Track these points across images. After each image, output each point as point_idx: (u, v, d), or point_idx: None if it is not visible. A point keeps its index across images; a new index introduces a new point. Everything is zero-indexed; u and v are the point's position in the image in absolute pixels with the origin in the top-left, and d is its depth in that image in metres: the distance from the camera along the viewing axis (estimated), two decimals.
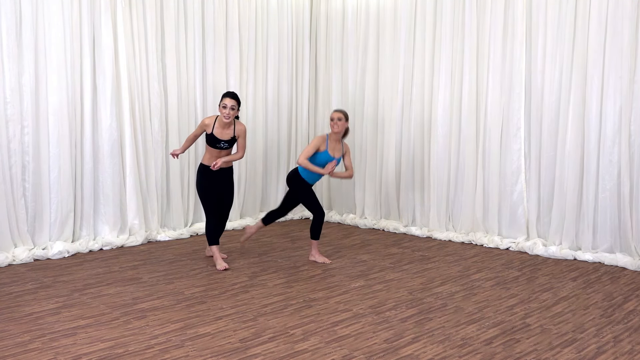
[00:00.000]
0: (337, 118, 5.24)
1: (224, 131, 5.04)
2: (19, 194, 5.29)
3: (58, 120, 5.46)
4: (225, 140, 5.04)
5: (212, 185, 5.10)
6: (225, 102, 4.95)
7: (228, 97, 4.98)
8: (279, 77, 7.36)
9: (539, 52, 5.76)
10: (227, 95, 5.00)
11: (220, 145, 5.03)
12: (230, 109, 4.94)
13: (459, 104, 6.33)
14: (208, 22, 6.56)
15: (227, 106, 4.94)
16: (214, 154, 5.08)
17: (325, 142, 5.25)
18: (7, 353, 3.26)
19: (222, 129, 5.03)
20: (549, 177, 5.79)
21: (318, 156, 5.23)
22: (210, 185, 5.10)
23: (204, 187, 5.11)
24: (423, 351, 3.37)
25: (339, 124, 5.23)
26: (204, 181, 5.11)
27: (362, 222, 7.13)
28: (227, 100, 4.96)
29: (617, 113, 5.30)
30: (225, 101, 4.95)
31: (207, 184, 5.10)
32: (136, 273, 4.93)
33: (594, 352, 3.38)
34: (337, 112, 5.29)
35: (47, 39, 5.37)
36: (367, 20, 7.10)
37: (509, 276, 4.97)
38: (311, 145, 5.22)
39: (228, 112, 4.93)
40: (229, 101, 4.95)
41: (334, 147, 5.29)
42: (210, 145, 5.05)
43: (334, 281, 4.78)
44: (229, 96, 4.99)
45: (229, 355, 3.28)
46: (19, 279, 4.71)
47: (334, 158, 5.27)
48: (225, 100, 4.96)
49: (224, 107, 4.94)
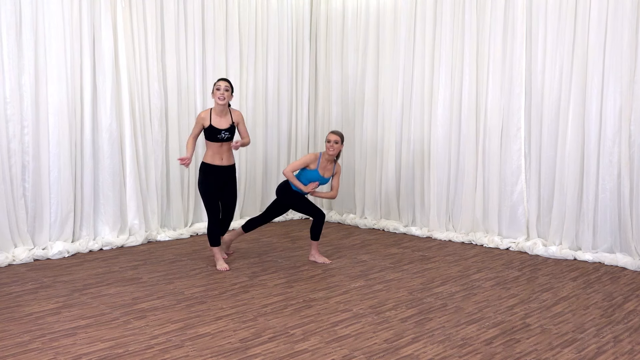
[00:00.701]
0: (334, 141, 5.15)
1: (222, 120, 4.98)
2: (19, 194, 5.29)
3: (58, 120, 5.46)
4: (225, 129, 4.97)
5: (215, 184, 5.02)
6: (218, 84, 4.95)
7: (221, 80, 4.99)
8: (279, 77, 7.36)
9: (539, 52, 5.76)
10: (220, 79, 5.02)
11: (222, 135, 4.96)
12: (224, 90, 4.92)
13: (459, 104, 6.33)
14: (208, 22, 6.57)
15: (220, 87, 4.93)
16: (215, 149, 4.99)
17: (317, 161, 5.22)
18: (7, 353, 3.26)
19: (219, 117, 4.97)
20: (549, 177, 5.79)
21: (307, 173, 5.22)
22: (213, 184, 5.02)
23: (207, 186, 5.01)
24: (423, 351, 3.37)
25: (335, 147, 5.15)
26: (207, 180, 5.02)
27: (362, 222, 7.14)
28: (220, 82, 4.97)
29: (617, 113, 5.30)
30: (218, 84, 4.96)
31: (210, 183, 5.01)
32: (136, 273, 4.93)
33: (594, 352, 3.38)
34: (334, 134, 5.18)
35: (47, 39, 5.37)
36: (367, 20, 7.10)
37: (509, 276, 4.97)
38: (301, 160, 5.21)
39: (222, 93, 4.91)
40: (222, 83, 4.96)
41: (325, 166, 5.25)
42: (211, 139, 4.97)
43: (334, 281, 4.78)
44: (221, 79, 5.00)
45: (229, 355, 3.28)
46: (19, 279, 4.71)
47: (323, 178, 5.25)
48: (218, 83, 4.96)
49: (217, 89, 4.93)
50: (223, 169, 5.04)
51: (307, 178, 5.23)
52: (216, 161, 5.01)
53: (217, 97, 4.92)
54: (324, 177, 5.26)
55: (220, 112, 4.97)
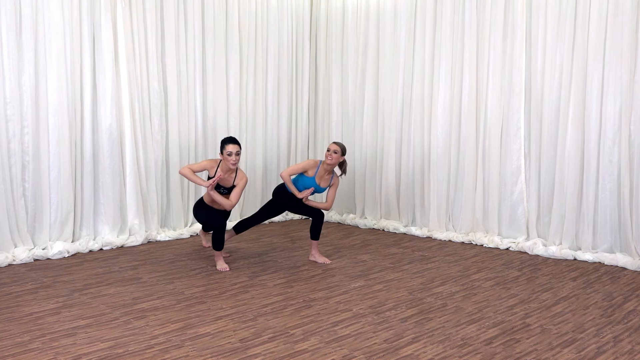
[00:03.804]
0: (334, 151, 5.12)
1: (226, 178, 4.99)
2: (18, 194, 5.28)
3: (58, 120, 5.46)
4: (225, 187, 5.02)
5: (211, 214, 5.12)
6: (229, 149, 4.83)
7: (231, 144, 4.85)
8: (278, 77, 7.36)
9: (539, 52, 5.76)
10: (229, 141, 4.87)
11: (220, 191, 5.02)
12: (235, 155, 4.84)
13: (459, 104, 6.33)
14: (208, 22, 6.56)
15: (232, 153, 4.82)
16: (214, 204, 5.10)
17: (316, 169, 5.22)
18: (7, 353, 3.26)
19: (224, 174, 4.97)
20: (549, 177, 5.79)
21: (304, 179, 5.23)
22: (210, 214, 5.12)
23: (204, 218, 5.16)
24: (423, 351, 3.37)
25: (334, 157, 5.12)
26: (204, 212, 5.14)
27: (362, 222, 7.14)
28: (231, 147, 4.83)
29: (617, 113, 5.30)
30: (229, 148, 4.83)
31: (207, 214, 5.12)
32: (136, 273, 4.93)
33: (594, 352, 3.38)
34: (335, 144, 5.17)
35: (47, 39, 5.37)
36: (367, 21, 7.10)
37: (509, 276, 4.97)
38: (300, 165, 5.22)
39: (234, 159, 4.83)
40: (233, 147, 4.83)
41: (322, 175, 5.25)
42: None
43: (334, 281, 4.78)
44: (231, 142, 4.86)
45: (229, 355, 3.28)
46: (19, 279, 4.71)
47: (319, 186, 5.24)
48: (229, 147, 4.83)
49: (229, 155, 4.82)
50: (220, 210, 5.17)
51: (303, 184, 5.23)
52: (215, 205, 5.14)
53: (229, 162, 4.83)
54: (320, 186, 5.25)
55: (227, 171, 4.98)
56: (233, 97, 6.85)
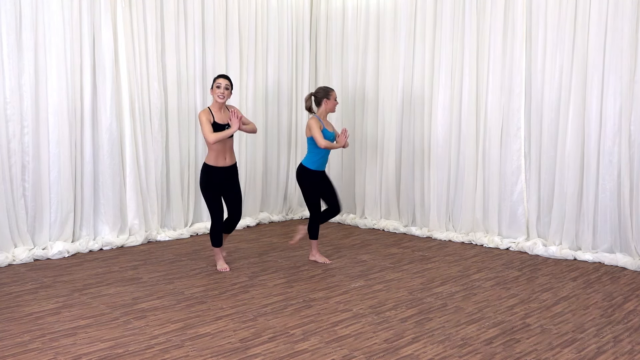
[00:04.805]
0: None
1: (222, 115, 4.92)
2: (18, 193, 5.29)
3: (58, 120, 5.46)
4: (226, 123, 4.92)
5: (218, 184, 4.93)
6: (219, 82, 4.86)
7: (221, 78, 4.89)
8: (279, 77, 7.36)
9: (539, 52, 5.76)
10: (220, 76, 4.91)
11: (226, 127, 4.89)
12: (224, 88, 4.85)
13: (459, 104, 6.33)
14: (208, 22, 6.56)
15: (221, 85, 4.85)
16: (219, 148, 4.86)
17: (321, 123, 5.19)
18: (7, 353, 3.27)
19: (219, 113, 4.90)
20: (549, 177, 5.79)
21: (326, 134, 5.20)
22: (217, 185, 4.92)
23: (210, 188, 4.91)
24: (423, 351, 3.37)
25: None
26: (210, 181, 4.91)
27: (362, 222, 7.13)
28: (220, 80, 4.87)
29: (617, 113, 5.30)
30: (219, 81, 4.86)
31: (214, 184, 4.91)
32: (136, 273, 4.93)
33: (594, 352, 3.38)
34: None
35: (47, 39, 5.37)
36: (367, 20, 7.10)
37: (509, 276, 4.97)
38: (317, 128, 5.11)
39: (222, 92, 4.84)
40: (222, 81, 4.86)
41: (327, 123, 5.31)
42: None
43: (334, 281, 4.78)
44: (222, 77, 4.90)
45: (229, 355, 3.28)
46: (19, 279, 4.71)
47: (332, 133, 5.27)
48: (219, 81, 4.86)
49: (217, 87, 4.85)
50: (226, 169, 4.94)
51: (330, 139, 5.24)
52: (220, 162, 4.90)
53: (216, 94, 4.84)
54: (332, 132, 5.29)
55: (219, 109, 4.92)
56: (233, 97, 6.84)
